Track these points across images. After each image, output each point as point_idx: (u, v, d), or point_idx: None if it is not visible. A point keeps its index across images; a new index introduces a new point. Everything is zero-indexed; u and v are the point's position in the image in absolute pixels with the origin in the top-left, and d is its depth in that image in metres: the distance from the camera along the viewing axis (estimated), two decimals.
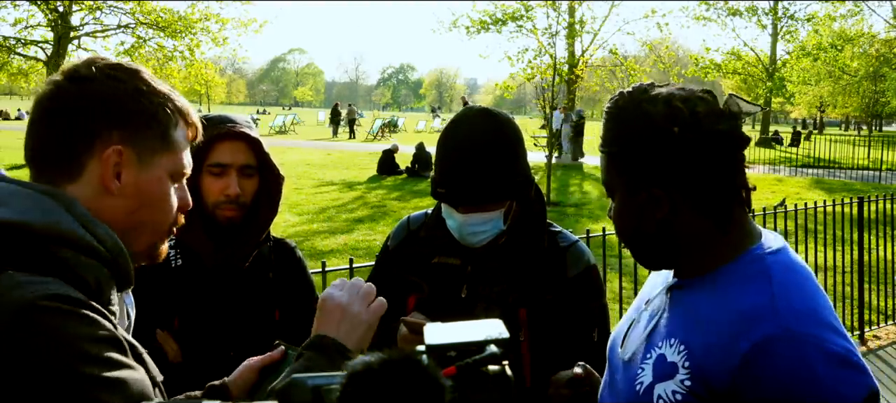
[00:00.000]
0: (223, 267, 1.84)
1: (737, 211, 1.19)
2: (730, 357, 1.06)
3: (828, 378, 1.02)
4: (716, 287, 1.16)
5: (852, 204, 5.91)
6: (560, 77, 14.21)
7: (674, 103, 1.15)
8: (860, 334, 5.67)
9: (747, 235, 1.20)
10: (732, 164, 1.17)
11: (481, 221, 1.69)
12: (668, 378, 1.14)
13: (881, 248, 6.51)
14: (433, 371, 0.61)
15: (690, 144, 1.13)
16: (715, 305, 1.14)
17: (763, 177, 16.90)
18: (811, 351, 1.02)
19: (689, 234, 1.19)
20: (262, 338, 1.88)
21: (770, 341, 1.03)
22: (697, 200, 1.17)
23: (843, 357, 1.04)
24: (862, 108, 45.55)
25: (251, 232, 1.86)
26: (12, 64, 18.43)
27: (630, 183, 1.20)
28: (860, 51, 33.08)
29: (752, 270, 1.14)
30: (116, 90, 1.03)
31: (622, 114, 1.19)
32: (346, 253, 7.93)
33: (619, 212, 1.25)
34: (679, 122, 1.13)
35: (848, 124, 66.65)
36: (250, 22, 18.91)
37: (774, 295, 1.08)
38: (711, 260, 1.18)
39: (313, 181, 14.89)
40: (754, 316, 1.07)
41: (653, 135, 1.15)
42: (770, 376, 1.03)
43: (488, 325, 0.73)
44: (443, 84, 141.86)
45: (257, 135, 1.82)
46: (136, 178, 1.05)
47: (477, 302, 1.75)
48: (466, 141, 1.68)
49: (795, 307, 1.07)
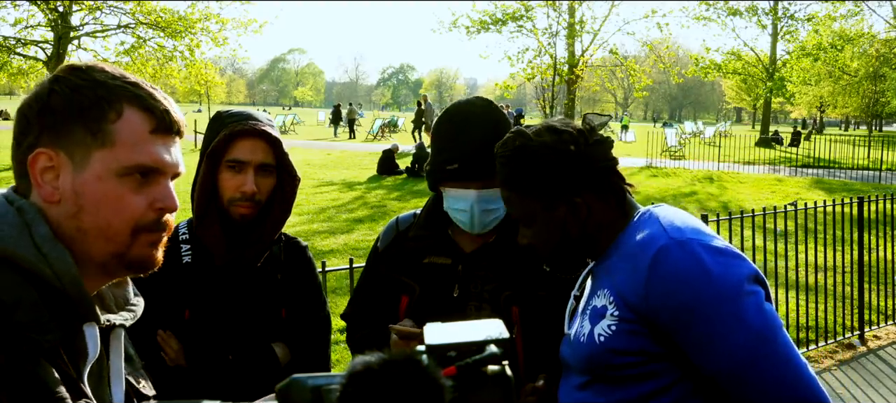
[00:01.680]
0: (234, 265, 1.84)
1: (624, 193, 1.47)
2: (637, 275, 1.31)
3: (714, 264, 1.26)
4: (621, 246, 1.42)
5: (852, 204, 5.90)
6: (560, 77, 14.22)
7: (556, 130, 1.43)
8: (860, 334, 5.67)
9: (634, 206, 1.49)
10: (614, 162, 1.47)
11: (495, 198, 1.69)
12: (601, 318, 1.37)
13: (881, 248, 6.51)
14: (433, 371, 0.62)
15: (585, 155, 1.42)
16: (622, 252, 1.40)
17: (763, 177, 16.91)
18: (696, 248, 1.28)
19: (603, 222, 1.45)
20: (268, 337, 1.89)
21: (662, 250, 1.29)
22: (602, 195, 1.45)
23: (723, 248, 1.30)
24: (862, 108, 45.52)
25: (264, 231, 1.86)
26: (12, 64, 18.40)
27: (547, 202, 1.44)
28: (860, 51, 33.04)
29: (643, 220, 1.42)
30: (48, 90, 0.97)
31: (522, 153, 1.44)
32: (346, 253, 7.93)
33: (541, 232, 1.48)
34: (572, 142, 1.42)
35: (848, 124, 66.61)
36: (250, 22, 18.90)
37: (662, 225, 1.36)
38: (616, 232, 1.45)
39: (313, 181, 14.89)
40: (649, 241, 1.33)
41: (558, 159, 1.42)
42: (668, 276, 1.27)
43: (488, 325, 0.73)
44: (443, 84, 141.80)
45: (277, 135, 1.82)
46: (72, 181, 0.97)
47: (469, 301, 1.76)
48: (474, 118, 1.71)
49: (678, 225, 1.34)
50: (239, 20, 18.86)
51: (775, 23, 30.35)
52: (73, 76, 0.99)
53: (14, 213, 0.95)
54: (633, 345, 1.31)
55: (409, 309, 1.80)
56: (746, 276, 1.26)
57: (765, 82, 30.55)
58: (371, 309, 1.91)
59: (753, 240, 5.75)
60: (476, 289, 1.76)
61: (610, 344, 1.33)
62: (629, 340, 1.31)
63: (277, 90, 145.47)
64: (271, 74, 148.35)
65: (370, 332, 1.87)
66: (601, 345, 1.34)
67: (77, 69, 1.00)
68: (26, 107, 1.00)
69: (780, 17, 29.82)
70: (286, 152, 1.85)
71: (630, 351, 1.31)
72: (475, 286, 1.76)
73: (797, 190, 14.46)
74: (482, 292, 1.76)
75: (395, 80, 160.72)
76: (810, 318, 5.82)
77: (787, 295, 5.91)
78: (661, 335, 1.29)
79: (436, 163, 1.74)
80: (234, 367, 1.83)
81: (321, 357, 2.01)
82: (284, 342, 1.91)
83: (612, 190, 1.45)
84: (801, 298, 6.01)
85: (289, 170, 1.86)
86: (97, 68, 1.01)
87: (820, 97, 44.57)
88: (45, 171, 0.97)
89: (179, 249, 1.86)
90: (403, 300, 1.82)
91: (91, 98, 0.97)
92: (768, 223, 6.17)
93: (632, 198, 1.49)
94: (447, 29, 21.22)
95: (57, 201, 0.97)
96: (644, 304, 1.29)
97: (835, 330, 5.65)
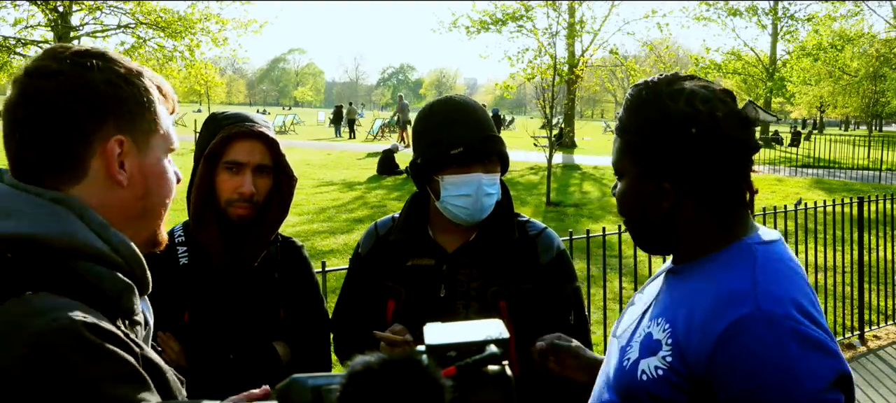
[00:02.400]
0: (231, 266, 1.85)
1: (738, 210, 1.24)
2: (708, 335, 1.10)
3: (799, 358, 1.04)
4: (705, 271, 1.21)
5: (852, 204, 5.90)
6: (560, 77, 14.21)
7: (695, 103, 1.18)
8: (860, 334, 5.67)
9: (742, 228, 1.24)
10: (741, 169, 1.22)
11: (493, 182, 1.74)
12: (652, 355, 1.19)
13: (881, 248, 6.51)
14: (433, 371, 0.61)
15: (706, 147, 1.18)
16: (701, 287, 1.18)
17: (763, 177, 16.88)
18: (785, 332, 1.05)
19: (689, 226, 1.24)
20: (267, 336, 1.89)
21: (745, 320, 1.07)
22: (703, 197, 1.22)
23: (817, 340, 1.07)
24: (862, 108, 45.52)
25: (261, 232, 1.86)
26: (12, 64, 18.40)
27: (642, 172, 1.25)
28: (860, 51, 33.07)
29: (740, 256, 1.19)
30: (98, 79, 0.98)
31: (644, 106, 1.23)
32: (346, 253, 7.92)
33: (626, 195, 1.30)
34: (698, 124, 1.17)
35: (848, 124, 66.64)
36: (250, 22, 18.90)
37: (756, 280, 1.12)
38: (706, 247, 1.23)
39: (313, 181, 14.89)
40: (734, 298, 1.11)
41: (671, 133, 1.19)
42: (743, 354, 1.06)
43: (488, 325, 0.73)
44: (443, 84, 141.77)
45: (274, 136, 1.83)
46: (140, 164, 1.03)
47: (457, 300, 1.76)
48: (468, 105, 1.76)
49: (774, 292, 1.10)
50: (239, 20, 18.88)
51: (775, 23, 30.34)
52: (112, 65, 1.01)
53: (64, 208, 0.95)
54: (675, 398, 1.16)
55: (396, 313, 1.79)
56: (831, 380, 1.06)
57: (765, 82, 30.54)
58: (356, 315, 1.91)
59: None
60: (462, 288, 1.76)
61: (651, 387, 1.18)
62: (672, 392, 1.16)
63: (277, 90, 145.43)
64: (271, 74, 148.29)
65: (357, 339, 1.86)
66: (641, 383, 1.20)
67: (102, 54, 1.02)
68: (70, 96, 0.97)
69: (780, 17, 29.80)
70: (283, 153, 1.85)
71: (669, 402, 1.17)
72: (461, 284, 1.77)
73: (797, 190, 14.45)
74: (469, 290, 1.76)
75: (395, 80, 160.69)
76: None
77: None
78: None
79: (433, 153, 1.73)
80: (236, 367, 1.83)
81: (321, 354, 2.01)
82: (284, 340, 1.91)
83: (720, 200, 1.22)
84: None
85: (286, 170, 1.86)
86: (111, 51, 1.05)
87: (820, 97, 44.56)
88: (119, 157, 1.01)
89: (176, 251, 1.87)
90: (390, 304, 1.81)
91: (143, 87, 1.04)
92: (768, 223, 6.16)
93: (747, 218, 1.25)
94: (447, 29, 21.26)
95: (125, 185, 1.01)
96: (704, 371, 1.10)
97: (835, 329, 5.65)
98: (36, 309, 0.84)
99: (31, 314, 0.84)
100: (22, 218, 0.91)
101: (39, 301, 0.86)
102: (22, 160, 0.99)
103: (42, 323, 0.83)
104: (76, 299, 0.89)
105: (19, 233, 0.90)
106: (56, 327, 0.83)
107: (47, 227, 0.91)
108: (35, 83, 0.97)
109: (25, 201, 0.94)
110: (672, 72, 1.28)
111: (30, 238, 0.90)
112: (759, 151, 1.29)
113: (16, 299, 0.86)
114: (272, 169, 1.84)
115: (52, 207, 0.94)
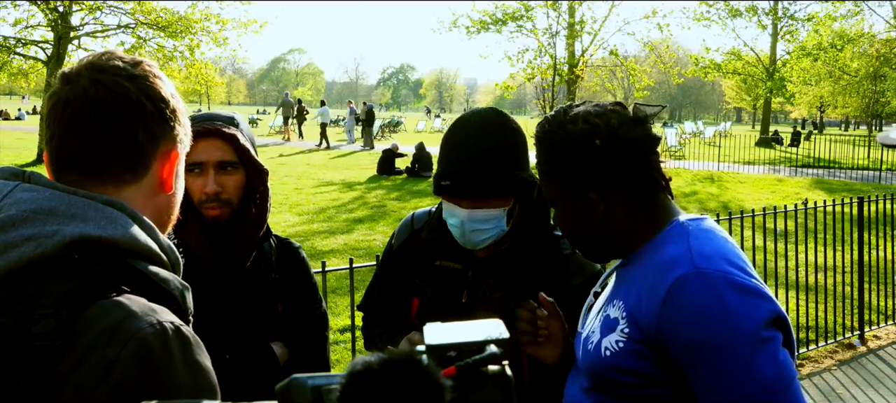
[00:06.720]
0: (223, 267, 1.84)
1: (661, 197, 1.39)
2: (654, 298, 1.23)
3: (735, 302, 1.17)
4: (648, 252, 1.35)
5: (852, 204, 5.90)
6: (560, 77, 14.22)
7: (592, 120, 1.34)
8: (860, 334, 5.67)
9: (671, 211, 1.39)
10: (650, 162, 1.37)
11: (485, 219, 1.67)
12: (611, 332, 1.32)
13: (881, 248, 6.52)
14: (433, 371, 0.61)
15: (612, 151, 1.33)
16: (646, 264, 1.32)
17: (763, 177, 16.90)
18: (719, 282, 1.19)
19: (624, 224, 1.38)
20: (264, 337, 1.89)
21: (683, 278, 1.21)
22: (627, 196, 1.36)
23: (749, 286, 1.20)
24: (862, 108, 45.52)
25: (245, 230, 1.84)
26: (12, 64, 18.43)
27: (567, 192, 1.39)
28: (860, 51, 33.07)
29: (673, 233, 1.33)
30: (165, 89, 1.03)
31: (549, 137, 1.38)
32: (346, 253, 7.93)
33: (563, 218, 1.44)
34: (599, 135, 1.33)
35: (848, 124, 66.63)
36: (250, 22, 18.95)
37: (690, 246, 1.26)
38: (645, 236, 1.37)
39: (313, 181, 14.89)
40: (673, 262, 1.25)
41: (579, 150, 1.34)
42: (685, 307, 1.19)
43: (488, 325, 0.73)
44: (443, 84, 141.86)
45: (233, 131, 1.78)
46: (179, 174, 1.08)
47: (477, 308, 1.74)
48: (474, 133, 1.68)
49: (707, 252, 1.24)
50: (239, 20, 18.95)
51: (775, 23, 30.34)
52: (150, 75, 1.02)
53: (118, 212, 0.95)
54: (638, 366, 1.27)
55: (419, 311, 1.80)
56: (766, 319, 1.17)
57: (765, 82, 30.55)
58: (385, 305, 1.93)
59: (753, 240, 5.74)
60: (485, 296, 1.74)
61: (615, 361, 1.29)
62: (635, 360, 1.27)
63: (277, 90, 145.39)
64: (271, 74, 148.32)
65: (384, 333, 1.88)
66: (606, 359, 1.31)
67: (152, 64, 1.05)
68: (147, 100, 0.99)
69: (780, 17, 29.82)
70: (248, 147, 1.80)
71: (634, 371, 1.27)
72: (484, 292, 1.75)
73: (797, 190, 14.45)
74: (491, 300, 1.74)
75: (395, 80, 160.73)
76: (810, 318, 5.83)
77: (787, 295, 5.91)
78: (669, 363, 1.24)
79: (436, 175, 1.73)
80: (233, 367, 1.82)
81: (320, 354, 2.01)
82: (282, 341, 1.91)
83: (642, 193, 1.36)
84: (801, 298, 6.00)
85: (253, 164, 1.81)
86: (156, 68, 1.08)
87: (820, 97, 44.58)
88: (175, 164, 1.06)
89: None
90: (415, 301, 1.82)
91: (173, 102, 1.06)
92: (768, 223, 6.17)
93: (670, 202, 1.40)
94: (447, 29, 21.24)
95: (167, 191, 1.06)
96: (655, 330, 1.23)
97: (835, 329, 5.65)
98: (127, 313, 0.86)
99: (125, 317, 0.85)
100: (87, 221, 0.91)
101: (132, 303, 0.87)
102: (76, 154, 0.97)
103: (145, 325, 0.85)
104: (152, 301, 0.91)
105: (87, 235, 0.89)
106: (156, 331, 0.86)
107: (112, 230, 0.91)
108: (115, 81, 0.96)
109: (79, 203, 0.93)
110: (566, 104, 1.44)
111: (97, 240, 0.89)
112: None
113: (105, 300, 0.87)
114: (239, 164, 1.80)
115: (109, 210, 0.94)
